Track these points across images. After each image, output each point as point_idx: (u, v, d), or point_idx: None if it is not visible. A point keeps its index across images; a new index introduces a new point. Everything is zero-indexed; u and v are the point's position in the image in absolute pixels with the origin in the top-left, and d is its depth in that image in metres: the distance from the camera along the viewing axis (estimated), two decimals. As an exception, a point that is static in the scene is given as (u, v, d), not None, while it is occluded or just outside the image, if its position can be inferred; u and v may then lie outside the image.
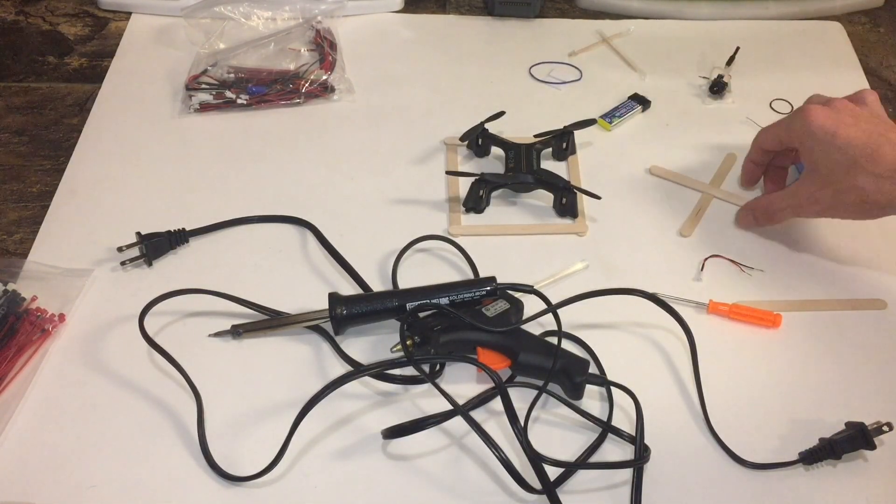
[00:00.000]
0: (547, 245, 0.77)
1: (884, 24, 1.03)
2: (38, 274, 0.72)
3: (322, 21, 0.95)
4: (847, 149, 0.65)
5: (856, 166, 0.64)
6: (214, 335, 0.68)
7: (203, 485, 0.60)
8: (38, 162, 0.83)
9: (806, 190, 0.69)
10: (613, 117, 0.87)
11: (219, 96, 0.87)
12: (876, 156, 0.64)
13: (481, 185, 0.78)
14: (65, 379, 0.66)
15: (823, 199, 0.68)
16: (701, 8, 1.01)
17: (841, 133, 0.65)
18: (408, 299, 0.67)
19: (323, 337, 0.69)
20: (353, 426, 0.64)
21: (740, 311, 0.71)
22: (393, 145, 0.85)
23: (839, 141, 0.65)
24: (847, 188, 0.65)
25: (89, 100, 0.89)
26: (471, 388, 0.66)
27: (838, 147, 0.65)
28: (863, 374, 0.68)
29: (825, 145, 0.66)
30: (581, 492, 0.60)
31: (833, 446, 0.61)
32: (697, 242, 0.77)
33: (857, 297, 0.73)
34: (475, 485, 0.61)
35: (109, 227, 0.76)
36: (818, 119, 0.66)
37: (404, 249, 0.75)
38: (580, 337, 0.69)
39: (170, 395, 0.65)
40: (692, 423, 0.65)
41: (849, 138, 0.65)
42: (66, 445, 0.62)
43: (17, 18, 1.00)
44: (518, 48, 0.97)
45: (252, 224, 0.77)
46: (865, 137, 0.64)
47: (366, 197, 0.80)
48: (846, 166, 0.65)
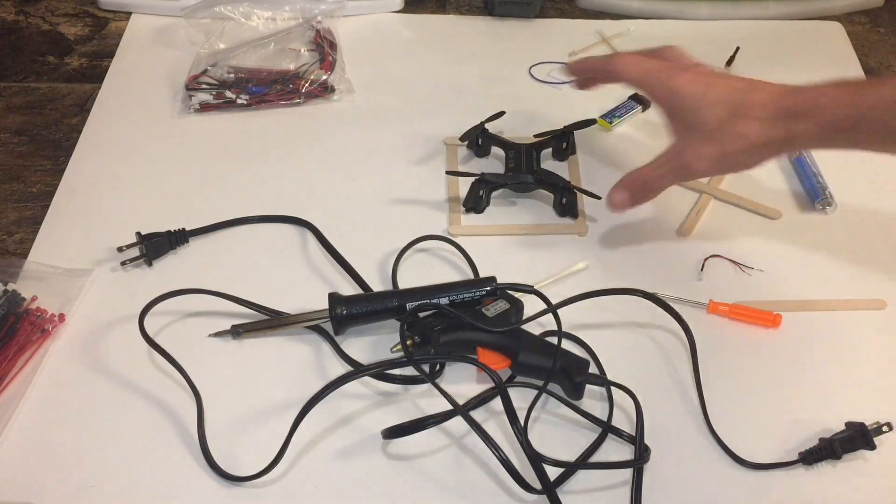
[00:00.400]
0: (547, 245, 0.77)
1: (884, 24, 1.03)
2: (38, 274, 0.72)
3: (322, 21, 0.95)
4: (722, 102, 0.65)
5: (736, 115, 0.65)
6: (214, 335, 0.68)
7: (203, 485, 0.60)
8: (38, 162, 0.83)
9: (688, 151, 0.68)
10: (613, 117, 0.87)
11: (219, 96, 0.87)
12: (751, 102, 0.65)
13: (481, 185, 0.78)
14: (65, 379, 0.66)
15: (709, 154, 0.67)
16: (701, 8, 1.01)
17: (711, 90, 0.66)
18: (408, 299, 0.67)
19: (323, 337, 0.69)
20: (353, 426, 0.64)
21: (740, 311, 0.71)
22: (393, 145, 0.85)
23: (711, 96, 0.66)
24: (732, 137, 0.65)
25: (89, 100, 0.89)
26: (471, 388, 0.66)
27: (713, 102, 0.66)
28: (863, 374, 0.68)
29: (698, 103, 0.66)
30: (581, 492, 0.60)
31: (833, 446, 0.61)
32: (697, 242, 0.77)
33: (857, 297, 0.73)
34: (475, 485, 0.61)
35: (109, 227, 0.76)
36: (687, 82, 0.67)
37: (404, 249, 0.75)
38: (580, 337, 0.69)
39: (170, 395, 0.65)
40: (692, 423, 0.65)
41: (719, 93, 0.66)
42: (66, 445, 0.62)
43: (17, 18, 1.00)
44: (518, 48, 0.97)
45: (252, 224, 0.77)
46: (733, 90, 0.66)
47: (366, 197, 0.80)
48: (726, 118, 0.65)
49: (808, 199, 0.80)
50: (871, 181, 0.83)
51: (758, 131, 0.64)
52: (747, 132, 0.65)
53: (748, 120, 0.65)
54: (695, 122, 0.67)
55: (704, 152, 0.67)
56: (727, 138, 0.66)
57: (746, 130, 0.65)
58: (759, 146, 0.65)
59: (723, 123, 0.65)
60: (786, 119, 0.63)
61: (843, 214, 0.79)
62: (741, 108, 0.65)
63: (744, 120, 0.65)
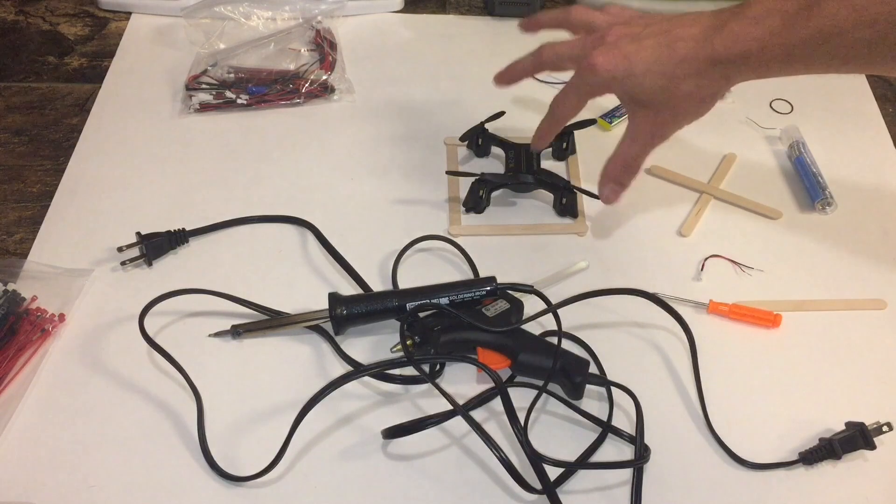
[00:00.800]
0: (547, 245, 0.77)
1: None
2: (38, 274, 0.72)
3: (322, 21, 0.95)
4: (652, 71, 0.63)
5: (670, 79, 0.63)
6: (214, 335, 0.68)
7: (203, 485, 0.60)
8: (38, 162, 0.83)
9: (644, 125, 0.68)
10: (613, 117, 0.87)
11: (219, 96, 0.87)
12: (677, 59, 0.62)
13: (481, 185, 0.78)
14: (65, 379, 0.66)
15: (667, 120, 0.67)
16: (701, 8, 1.00)
17: (635, 64, 0.64)
18: (408, 299, 0.67)
19: (323, 337, 0.69)
20: (353, 426, 0.64)
21: (740, 311, 0.71)
22: (393, 145, 0.85)
23: (639, 69, 0.64)
24: (678, 100, 0.65)
25: (89, 100, 0.89)
26: (471, 388, 0.66)
27: (643, 74, 0.64)
28: (863, 374, 0.68)
29: (631, 81, 0.64)
30: (581, 492, 0.60)
31: (833, 446, 0.61)
32: (697, 242, 0.77)
33: (857, 297, 0.73)
34: (475, 485, 0.61)
35: (109, 227, 0.76)
36: (605, 64, 0.65)
37: (404, 249, 0.75)
38: (580, 337, 0.69)
39: (170, 395, 0.65)
40: (692, 423, 0.65)
41: (645, 62, 0.63)
42: (66, 445, 0.62)
43: (17, 18, 1.00)
44: (518, 48, 0.96)
45: (252, 224, 0.77)
46: (655, 51, 0.63)
47: (366, 197, 0.80)
48: (662, 86, 0.64)
49: (808, 199, 0.80)
50: (871, 181, 0.83)
51: (698, 86, 0.63)
52: (689, 90, 0.64)
53: (684, 79, 0.63)
54: (639, 98, 0.66)
55: (663, 121, 0.67)
56: (675, 101, 0.65)
57: (688, 89, 0.63)
58: (706, 96, 0.65)
59: (663, 91, 0.64)
60: (718, 67, 0.62)
61: (843, 214, 0.79)
62: (673, 70, 0.63)
63: (680, 81, 0.63)
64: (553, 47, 0.71)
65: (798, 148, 0.84)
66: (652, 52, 0.63)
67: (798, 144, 0.84)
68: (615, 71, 0.64)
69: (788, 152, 0.85)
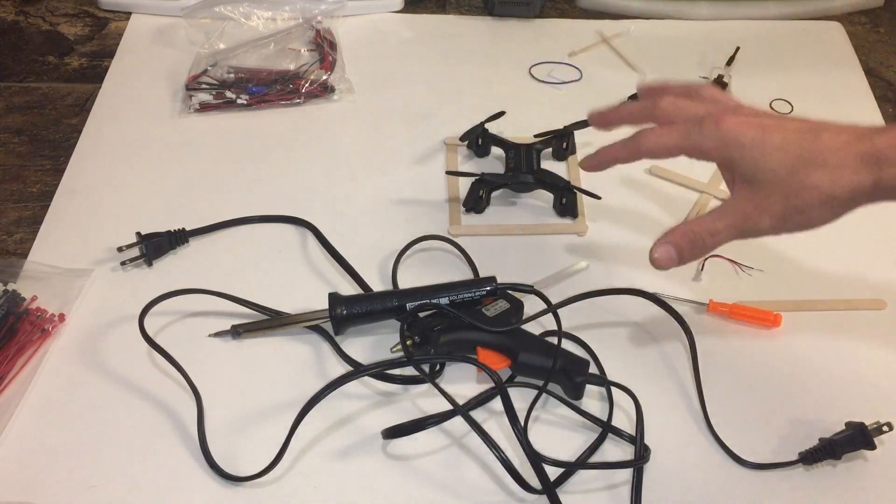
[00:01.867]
0: (547, 245, 0.77)
1: (884, 24, 1.03)
2: (38, 274, 0.72)
3: (322, 21, 0.95)
4: (787, 147, 0.56)
5: (803, 163, 0.55)
6: (214, 335, 0.68)
7: (203, 485, 0.60)
8: (38, 162, 0.83)
9: (748, 204, 0.57)
10: (613, 117, 0.87)
11: (219, 96, 0.87)
12: (822, 148, 0.55)
13: (481, 185, 0.78)
14: (65, 379, 0.66)
15: (774, 209, 0.56)
16: (701, 8, 1.01)
17: (771, 134, 0.56)
18: (408, 299, 0.67)
19: (323, 337, 0.69)
20: (353, 426, 0.64)
21: (740, 311, 0.71)
22: (393, 145, 0.85)
23: (774, 141, 0.56)
24: (799, 189, 0.55)
25: (89, 100, 0.89)
26: (471, 388, 0.66)
27: (773, 148, 0.56)
28: (863, 374, 0.68)
29: (757, 151, 0.56)
30: (581, 492, 0.60)
31: (833, 446, 0.61)
32: (697, 242, 0.77)
33: (857, 297, 0.73)
34: (475, 485, 0.61)
35: (109, 227, 0.76)
36: (737, 126, 0.57)
37: (404, 249, 0.75)
38: (580, 337, 0.69)
39: (170, 395, 0.65)
40: (692, 423, 0.65)
41: (783, 137, 0.56)
42: (66, 445, 0.62)
43: (17, 18, 1.00)
44: (518, 48, 0.97)
45: (252, 224, 0.77)
46: (796, 132, 0.56)
47: (366, 197, 0.80)
48: (791, 166, 0.55)
49: (808, 199, 0.80)
50: (871, 181, 0.83)
51: (834, 181, 0.55)
52: (820, 183, 0.55)
53: (821, 168, 0.55)
54: (755, 173, 0.57)
55: (769, 207, 0.57)
56: (795, 191, 0.56)
57: (820, 181, 0.55)
58: (837, 198, 0.55)
59: (790, 173, 0.55)
60: (871, 165, 0.54)
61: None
62: (811, 155, 0.55)
63: (815, 168, 0.55)
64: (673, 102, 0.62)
65: (798, 148, 0.84)
66: (790, 132, 0.56)
67: (798, 144, 0.84)
68: (745, 135, 0.57)
69: (788, 152, 0.85)
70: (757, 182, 0.57)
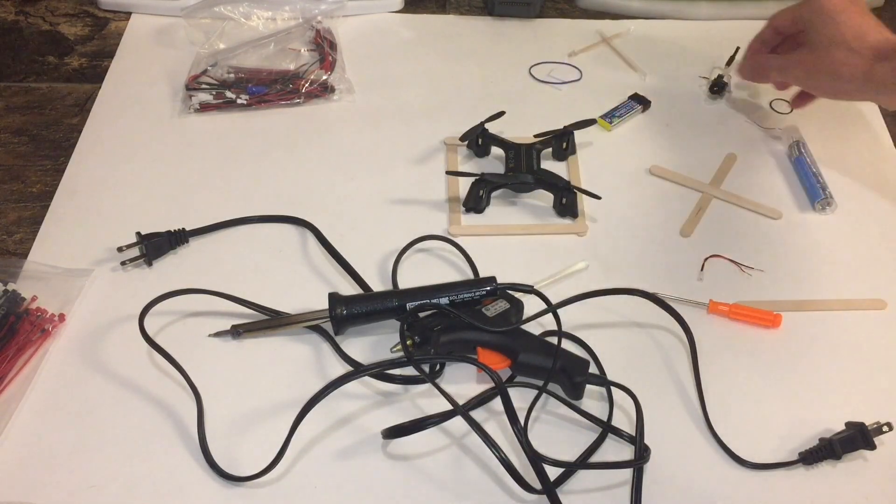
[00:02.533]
0: (547, 245, 0.77)
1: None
2: (38, 274, 0.72)
3: (322, 21, 0.95)
4: (842, 26, 0.72)
5: (839, 40, 0.72)
6: (214, 335, 0.68)
7: (203, 485, 0.60)
8: (38, 162, 0.83)
9: (795, 56, 0.77)
10: (613, 117, 0.87)
11: (219, 96, 0.87)
12: (861, 34, 0.71)
13: (481, 185, 0.78)
14: (65, 379, 0.66)
15: (805, 64, 0.75)
16: (701, 8, 1.01)
17: (843, 14, 0.73)
18: (408, 299, 0.67)
19: (323, 337, 0.69)
20: (353, 426, 0.64)
21: (740, 311, 0.71)
22: (393, 145, 0.85)
23: (840, 18, 0.72)
24: (825, 57, 0.73)
25: (89, 100, 0.89)
26: (471, 388, 0.66)
27: (837, 23, 0.72)
28: (863, 374, 0.68)
29: (827, 19, 0.73)
30: (581, 492, 0.60)
31: (833, 446, 0.61)
32: (697, 242, 0.77)
33: (857, 297, 0.73)
34: (475, 485, 0.61)
35: (109, 227, 0.76)
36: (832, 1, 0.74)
37: (404, 249, 0.75)
38: (580, 337, 0.69)
39: (170, 395, 0.65)
40: (692, 423, 0.65)
41: (847, 18, 0.72)
42: (66, 445, 0.62)
43: (17, 18, 1.00)
44: (518, 48, 0.97)
45: (252, 224, 0.77)
46: (860, 21, 0.72)
47: (366, 197, 0.80)
48: (831, 38, 0.73)
49: (808, 199, 0.80)
50: (871, 181, 0.83)
51: (845, 60, 0.72)
52: (837, 58, 0.72)
53: (843, 48, 0.72)
54: (816, 33, 0.74)
55: (804, 61, 0.76)
56: (822, 57, 0.73)
57: (837, 56, 0.72)
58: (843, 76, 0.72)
59: (828, 43, 0.73)
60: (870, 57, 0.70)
61: (843, 214, 0.79)
62: (847, 37, 0.72)
63: (842, 48, 0.72)
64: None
65: (798, 148, 0.84)
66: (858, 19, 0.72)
67: (798, 144, 0.84)
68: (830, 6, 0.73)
69: (788, 152, 0.85)
70: (812, 42, 0.75)
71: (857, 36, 0.71)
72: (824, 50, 0.73)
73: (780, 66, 0.79)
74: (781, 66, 0.79)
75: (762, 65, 0.81)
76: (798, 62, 0.76)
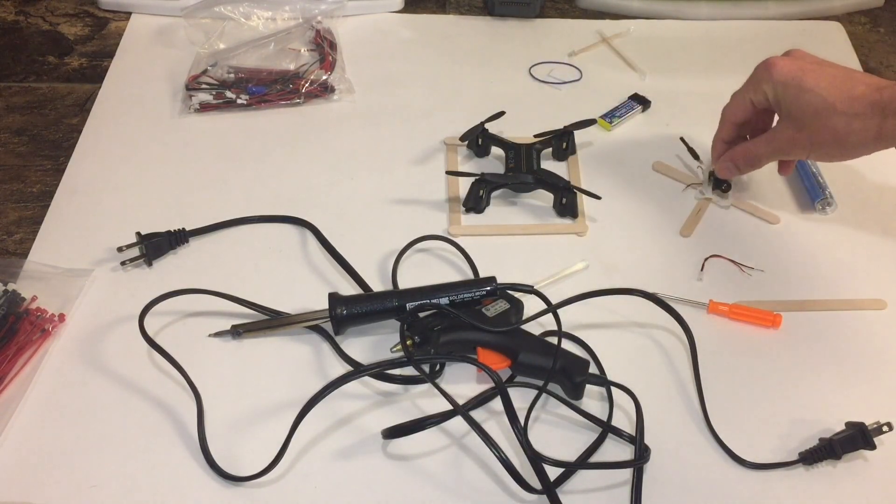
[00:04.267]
0: (547, 245, 0.77)
1: (884, 24, 1.03)
2: (38, 274, 0.72)
3: (322, 21, 0.95)
4: (817, 90, 0.66)
5: (827, 108, 0.66)
6: (214, 335, 0.68)
7: (203, 485, 0.60)
8: (38, 162, 0.83)
9: (784, 134, 0.70)
10: (613, 117, 0.87)
11: (219, 96, 0.87)
12: (846, 94, 0.65)
13: (481, 185, 0.78)
14: (65, 379, 0.66)
15: (801, 142, 0.69)
16: (701, 8, 1.01)
17: (808, 77, 0.67)
18: (408, 299, 0.67)
19: (323, 337, 0.69)
20: (353, 426, 0.64)
21: (740, 311, 0.71)
22: (393, 145, 0.85)
23: (808, 84, 0.67)
24: (820, 129, 0.67)
25: (89, 100, 0.89)
26: (471, 388, 0.66)
27: (808, 90, 0.66)
28: (863, 374, 0.68)
29: (794, 90, 0.67)
30: (581, 492, 0.60)
31: (833, 446, 0.61)
32: (697, 242, 0.77)
33: (857, 297, 0.73)
34: (475, 485, 0.61)
35: (109, 227, 0.76)
36: (783, 68, 0.68)
37: (404, 249, 0.75)
38: (580, 337, 0.69)
39: (170, 395, 0.65)
40: (692, 423, 0.65)
41: (817, 81, 0.66)
42: (66, 445, 0.62)
43: (17, 18, 1.00)
44: (518, 48, 0.97)
45: (252, 224, 0.77)
46: (831, 80, 0.66)
47: (366, 197, 0.80)
48: (817, 108, 0.66)
49: (808, 199, 0.80)
50: (871, 181, 0.83)
51: (847, 125, 0.65)
52: (836, 126, 0.66)
53: (839, 115, 0.65)
54: (791, 108, 0.68)
55: (799, 140, 0.69)
56: (817, 129, 0.67)
57: (835, 124, 0.66)
58: (849, 142, 0.66)
59: (815, 115, 0.66)
60: (877, 115, 0.64)
61: (843, 214, 0.79)
62: (834, 101, 0.65)
63: (835, 114, 0.65)
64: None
65: (798, 148, 0.84)
66: (829, 80, 0.66)
67: (798, 144, 0.84)
68: (787, 77, 0.68)
69: (788, 152, 0.85)
70: (792, 118, 0.68)
71: (844, 98, 0.65)
72: (815, 123, 0.67)
73: (772, 151, 0.72)
74: (774, 151, 0.72)
75: (750, 157, 0.74)
76: (791, 142, 0.69)
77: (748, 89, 0.72)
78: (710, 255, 0.75)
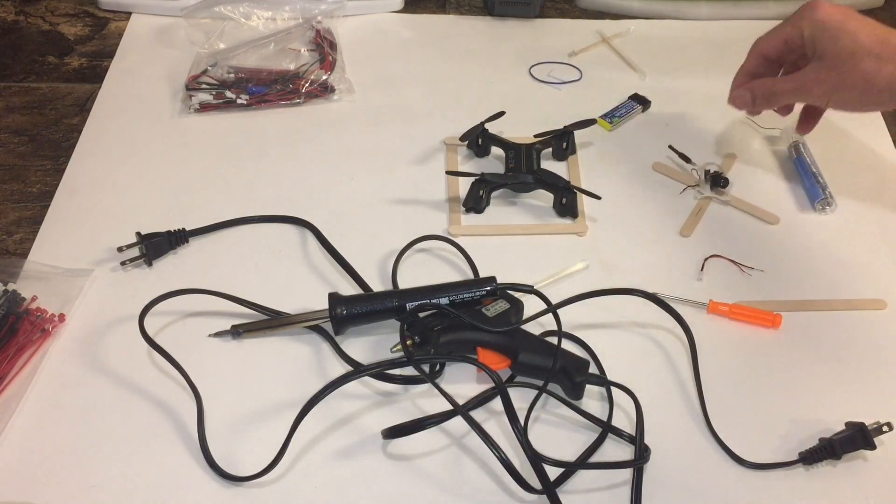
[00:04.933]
0: (547, 245, 0.77)
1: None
2: (38, 274, 0.72)
3: (322, 21, 0.95)
4: (856, 35, 0.67)
5: (862, 51, 0.66)
6: (214, 335, 0.68)
7: (203, 485, 0.60)
8: (38, 162, 0.83)
9: (810, 74, 0.70)
10: (613, 117, 0.87)
11: (219, 96, 0.87)
12: (884, 42, 0.66)
13: (481, 185, 0.78)
14: (65, 379, 0.66)
15: (827, 83, 0.69)
16: (701, 8, 1.01)
17: (850, 22, 0.68)
18: (408, 299, 0.67)
19: (323, 337, 0.69)
20: (353, 426, 0.64)
21: (740, 311, 0.71)
22: (393, 145, 0.85)
23: (849, 27, 0.67)
24: (850, 71, 0.67)
25: (89, 100, 0.89)
26: (471, 388, 0.66)
27: (847, 33, 0.67)
28: (863, 374, 0.68)
29: (834, 31, 0.68)
30: (581, 492, 0.60)
31: (833, 446, 0.61)
32: (697, 242, 0.77)
33: (857, 297, 0.73)
34: (475, 485, 0.61)
35: (109, 227, 0.76)
36: (828, 9, 0.69)
37: (404, 249, 0.75)
38: (580, 337, 0.69)
39: (170, 395, 0.65)
40: (692, 423, 0.65)
41: (858, 27, 0.67)
42: (66, 445, 0.62)
43: (17, 18, 1.00)
44: (518, 48, 0.97)
45: (252, 224, 0.77)
46: (872, 28, 0.67)
47: (366, 197, 0.80)
48: (852, 51, 0.67)
49: (808, 200, 0.80)
50: (871, 181, 0.83)
51: (878, 70, 0.66)
52: (866, 68, 0.66)
53: (872, 58, 0.66)
54: (826, 48, 0.68)
55: (824, 80, 0.69)
56: (847, 71, 0.67)
57: (866, 67, 0.66)
58: (876, 85, 0.67)
59: (849, 56, 0.67)
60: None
61: (843, 214, 0.79)
62: (870, 46, 0.66)
63: (868, 57, 0.66)
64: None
65: (798, 148, 0.84)
66: (869, 28, 0.67)
67: (798, 144, 0.84)
68: (829, 18, 0.68)
69: (788, 152, 0.85)
70: (825, 58, 0.68)
71: (879, 42, 0.66)
72: (847, 64, 0.67)
73: (794, 89, 0.71)
74: (795, 90, 0.71)
75: (769, 91, 0.73)
76: (816, 81, 0.69)
77: (785, 25, 0.72)
78: (710, 255, 0.75)
